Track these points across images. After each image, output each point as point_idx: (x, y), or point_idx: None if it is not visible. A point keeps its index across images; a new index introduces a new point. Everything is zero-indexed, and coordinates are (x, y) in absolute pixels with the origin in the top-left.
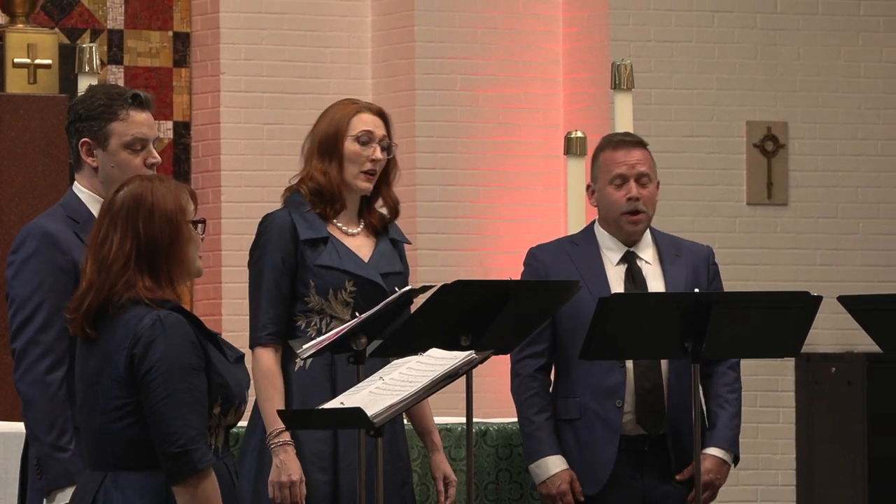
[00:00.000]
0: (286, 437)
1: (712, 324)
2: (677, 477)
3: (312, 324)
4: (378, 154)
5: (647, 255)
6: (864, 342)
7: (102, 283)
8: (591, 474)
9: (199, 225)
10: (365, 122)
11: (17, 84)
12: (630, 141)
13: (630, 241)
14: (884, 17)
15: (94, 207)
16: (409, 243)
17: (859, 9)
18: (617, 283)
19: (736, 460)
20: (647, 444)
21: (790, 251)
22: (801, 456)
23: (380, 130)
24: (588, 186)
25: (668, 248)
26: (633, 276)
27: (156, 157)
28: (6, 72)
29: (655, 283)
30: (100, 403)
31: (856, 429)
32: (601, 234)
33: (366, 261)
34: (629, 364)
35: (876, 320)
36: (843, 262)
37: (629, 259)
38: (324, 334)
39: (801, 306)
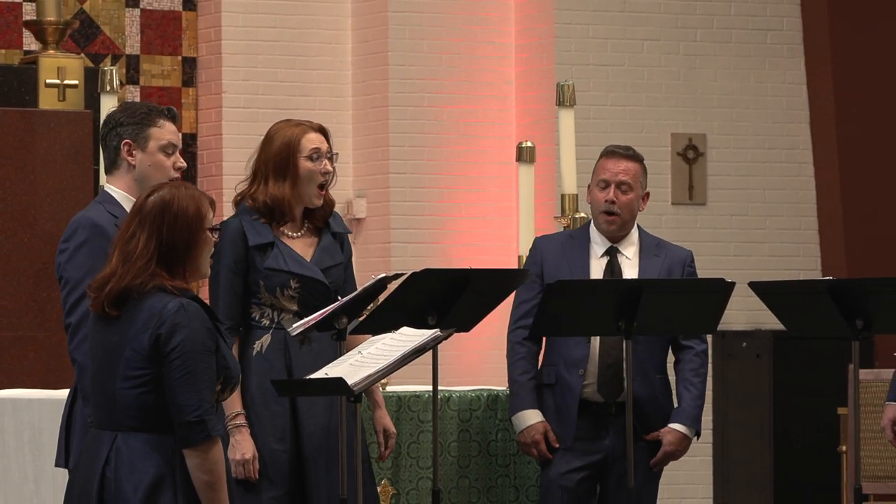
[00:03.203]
0: (241, 419)
1: (642, 306)
2: (645, 437)
3: (266, 314)
4: (328, 167)
5: (629, 251)
6: (770, 321)
7: (125, 273)
8: (561, 432)
9: (215, 231)
10: (313, 140)
11: (48, 101)
12: (621, 153)
13: (615, 238)
14: (787, 45)
15: (127, 206)
16: (349, 233)
17: (766, 38)
18: (598, 273)
19: (697, 435)
20: (614, 409)
21: (708, 244)
22: (718, 416)
23: (325, 145)
24: (588, 185)
25: (650, 248)
26: (613, 268)
27: (182, 163)
28: (39, 91)
29: (631, 276)
30: (120, 372)
31: (763, 394)
32: (593, 230)
33: (308, 260)
34: (595, 340)
35: (780, 303)
36: (753, 254)
37: (612, 253)
38: (275, 323)
39: (718, 291)
